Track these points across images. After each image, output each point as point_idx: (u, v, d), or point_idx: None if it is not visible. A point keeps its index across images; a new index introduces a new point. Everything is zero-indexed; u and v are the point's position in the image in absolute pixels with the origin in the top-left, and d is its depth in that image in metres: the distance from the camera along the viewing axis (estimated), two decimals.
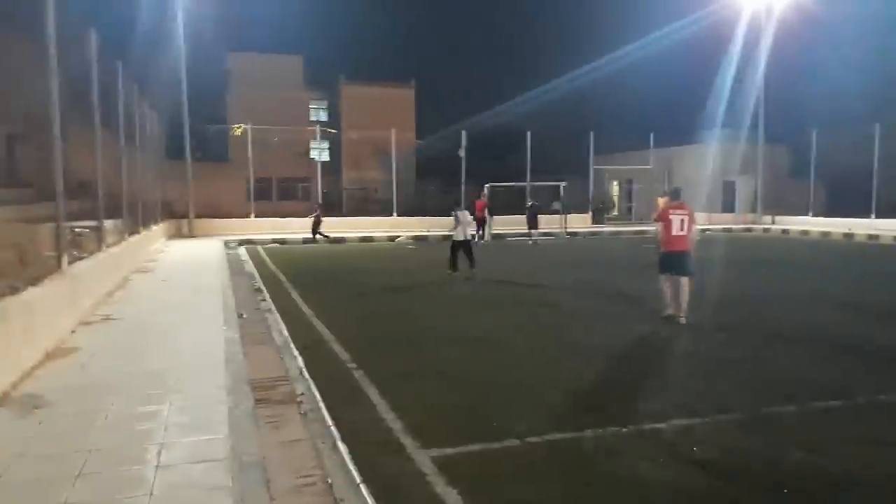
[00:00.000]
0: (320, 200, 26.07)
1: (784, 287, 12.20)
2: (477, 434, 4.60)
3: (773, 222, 28.60)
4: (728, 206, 31.69)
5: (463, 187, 26.89)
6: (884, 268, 15.55)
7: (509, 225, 25.20)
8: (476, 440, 4.49)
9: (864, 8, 27.60)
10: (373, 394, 5.55)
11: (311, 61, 50.48)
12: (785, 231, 26.01)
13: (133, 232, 14.14)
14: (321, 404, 5.10)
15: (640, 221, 30.52)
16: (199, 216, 24.17)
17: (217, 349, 6.62)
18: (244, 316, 8.90)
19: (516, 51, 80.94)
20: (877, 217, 24.07)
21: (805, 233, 24.99)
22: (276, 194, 44.48)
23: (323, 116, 50.96)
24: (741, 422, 4.86)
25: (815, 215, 27.35)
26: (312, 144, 50.14)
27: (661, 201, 11.12)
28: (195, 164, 24.49)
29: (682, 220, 8.98)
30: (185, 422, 4.57)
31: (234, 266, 14.94)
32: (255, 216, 25.84)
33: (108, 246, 10.61)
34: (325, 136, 47.56)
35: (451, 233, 13.60)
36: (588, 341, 7.55)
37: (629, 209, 36.48)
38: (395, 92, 49.99)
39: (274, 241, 22.39)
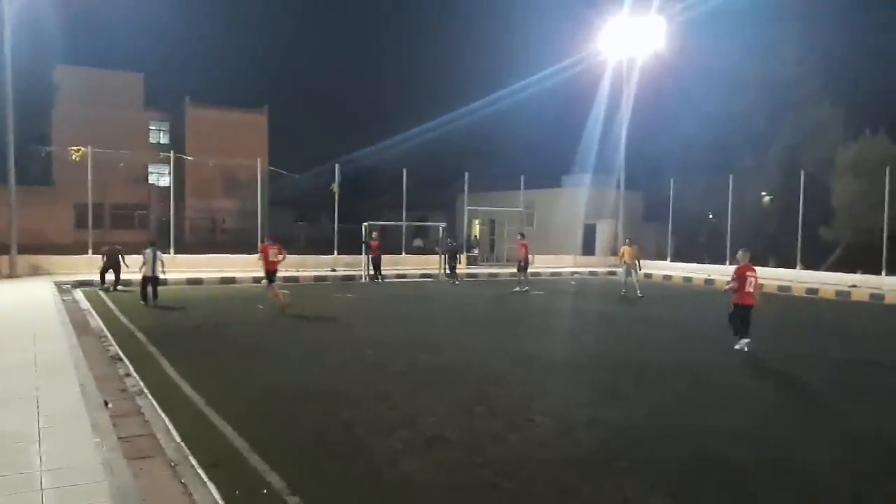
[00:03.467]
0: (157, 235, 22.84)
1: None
2: None
3: None
4: (589, 249, 32.65)
5: (336, 224, 25.13)
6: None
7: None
8: None
9: (717, 63, 29.83)
10: None
11: (153, 80, 46.57)
12: (647, 275, 26.97)
13: None
14: None
15: (507, 262, 30.48)
16: (21, 251, 20.32)
17: (96, 473, 4.66)
18: (110, 406, 6.87)
19: (386, 90, 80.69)
20: (730, 264, 25.60)
21: (668, 277, 26.04)
22: (108, 222, 39.96)
23: (164, 139, 47.09)
24: None
25: (672, 260, 28.73)
26: (151, 168, 45.93)
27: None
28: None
29: None
30: None
31: (77, 320, 12.30)
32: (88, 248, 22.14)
33: None
34: (166, 161, 43.93)
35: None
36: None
37: (492, 249, 36.55)
38: (246, 117, 47.35)
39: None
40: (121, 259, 18.22)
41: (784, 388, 8.80)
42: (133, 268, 16.87)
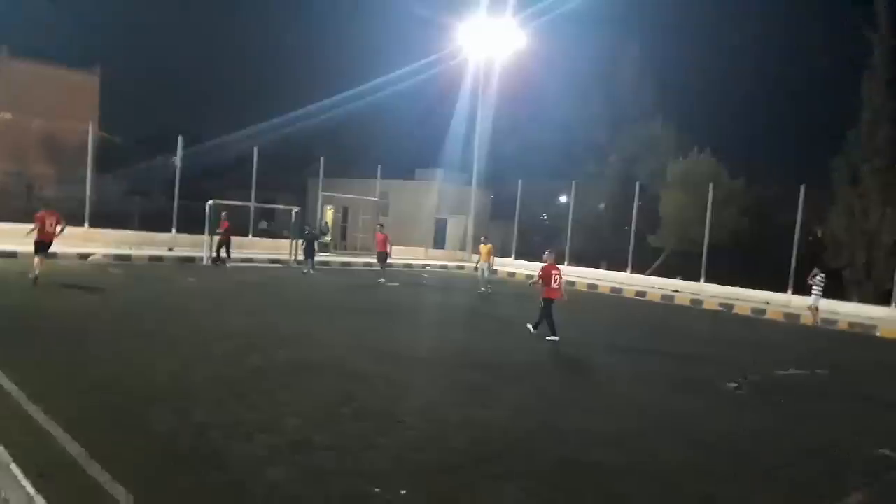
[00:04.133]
0: None
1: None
2: None
3: None
4: (439, 243, 33.09)
5: (176, 201, 23.25)
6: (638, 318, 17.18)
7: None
8: None
9: (567, 72, 31.35)
10: None
11: None
12: (493, 271, 27.80)
13: None
14: None
15: (359, 251, 30.12)
16: None
17: None
18: None
19: (241, 68, 76.12)
20: (569, 264, 27.08)
21: (511, 274, 27.01)
22: None
23: None
24: None
25: (516, 258, 29.85)
26: None
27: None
28: None
29: None
30: None
31: None
32: None
33: None
34: None
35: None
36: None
37: (343, 237, 35.93)
38: (74, 76, 42.89)
39: None
40: None
41: (635, 384, 9.31)
42: None
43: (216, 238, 20.94)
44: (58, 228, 13.78)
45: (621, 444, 6.51)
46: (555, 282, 11.98)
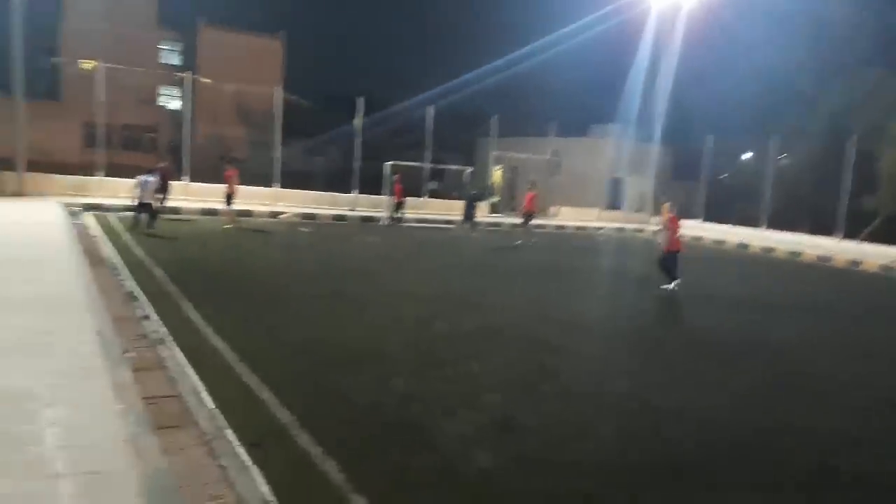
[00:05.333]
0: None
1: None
2: None
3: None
4: (614, 204, 31.48)
5: (357, 162, 23.94)
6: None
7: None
8: None
9: (765, 16, 28.12)
10: None
11: None
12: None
13: None
14: None
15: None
16: (28, 168, 19.27)
17: (120, 454, 3.83)
18: (129, 354, 6.04)
19: (416, 27, 77.55)
20: (768, 228, 24.57)
21: (698, 239, 25.01)
22: (117, 143, 38.73)
23: (175, 60, 45.30)
24: None
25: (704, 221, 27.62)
26: (162, 90, 44.36)
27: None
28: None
29: None
30: None
31: (87, 248, 11.40)
32: (97, 169, 20.90)
33: None
34: (177, 83, 42.44)
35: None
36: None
37: (512, 197, 35.37)
38: (261, 42, 45.45)
39: (128, 207, 18.29)
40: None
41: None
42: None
43: (392, 199, 21.29)
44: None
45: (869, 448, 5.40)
46: (677, 233, 12.00)
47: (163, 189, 15.82)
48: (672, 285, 11.94)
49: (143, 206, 14.48)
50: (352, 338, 7.55)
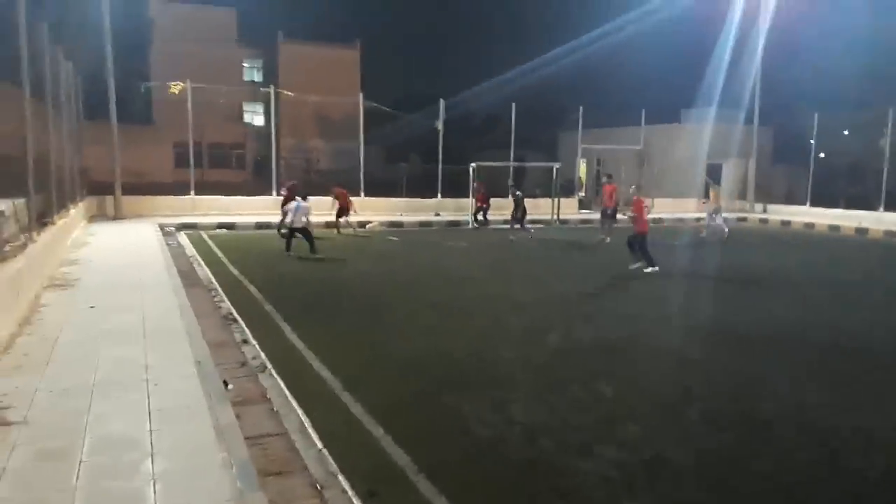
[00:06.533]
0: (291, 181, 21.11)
1: None
2: None
3: (766, 211, 26.73)
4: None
5: (440, 165, 23.49)
6: None
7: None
8: None
9: None
10: None
11: (245, 16, 45.64)
12: (785, 223, 24.09)
13: (44, 220, 10.32)
14: None
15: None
16: (125, 191, 19.84)
17: None
18: (230, 387, 5.68)
19: (481, 21, 76.98)
20: (885, 210, 22.40)
21: (810, 226, 23.07)
22: (206, 162, 39.98)
23: (258, 77, 46.42)
24: None
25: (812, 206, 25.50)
26: (246, 107, 45.55)
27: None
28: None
29: None
30: None
31: (183, 269, 11.37)
32: (189, 189, 21.28)
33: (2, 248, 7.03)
34: (259, 99, 43.41)
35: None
36: None
37: (597, 192, 34.07)
38: (338, 52, 45.87)
39: (220, 225, 18.55)
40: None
41: None
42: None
43: (475, 202, 20.71)
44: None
45: None
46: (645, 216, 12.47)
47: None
48: (648, 269, 12.22)
49: (298, 231, 13.64)
50: (459, 353, 6.98)
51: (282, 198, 16.13)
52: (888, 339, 8.28)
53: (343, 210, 17.65)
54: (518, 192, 18.73)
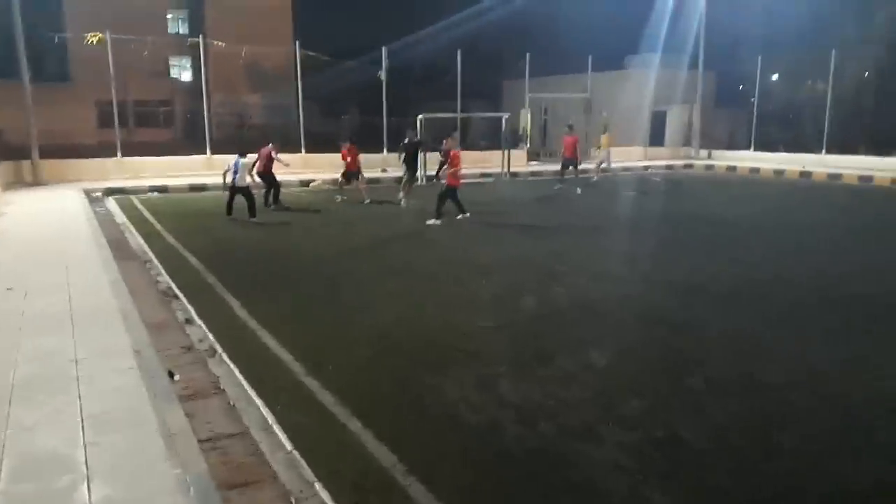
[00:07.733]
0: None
1: None
2: None
3: (710, 157, 26.81)
4: (657, 139, 29.56)
5: (385, 118, 22.45)
6: None
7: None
8: None
9: None
10: None
11: None
12: (731, 168, 24.21)
13: None
14: None
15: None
16: (44, 154, 18.16)
17: None
18: (176, 378, 4.98)
19: None
20: (827, 152, 22.72)
21: (755, 171, 23.22)
22: (133, 121, 37.63)
23: (183, 28, 43.76)
24: None
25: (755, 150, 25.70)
26: (172, 61, 42.99)
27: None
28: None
29: None
30: None
31: (114, 239, 10.36)
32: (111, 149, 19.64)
33: None
34: (186, 53, 41.01)
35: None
36: None
37: (543, 142, 33.59)
38: (268, 1, 43.55)
39: (151, 188, 17.24)
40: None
41: None
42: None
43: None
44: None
45: None
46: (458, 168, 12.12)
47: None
48: (430, 221, 12.14)
49: (240, 190, 12.44)
50: (430, 324, 6.40)
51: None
52: (883, 281, 8.12)
53: (352, 171, 15.61)
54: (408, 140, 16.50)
